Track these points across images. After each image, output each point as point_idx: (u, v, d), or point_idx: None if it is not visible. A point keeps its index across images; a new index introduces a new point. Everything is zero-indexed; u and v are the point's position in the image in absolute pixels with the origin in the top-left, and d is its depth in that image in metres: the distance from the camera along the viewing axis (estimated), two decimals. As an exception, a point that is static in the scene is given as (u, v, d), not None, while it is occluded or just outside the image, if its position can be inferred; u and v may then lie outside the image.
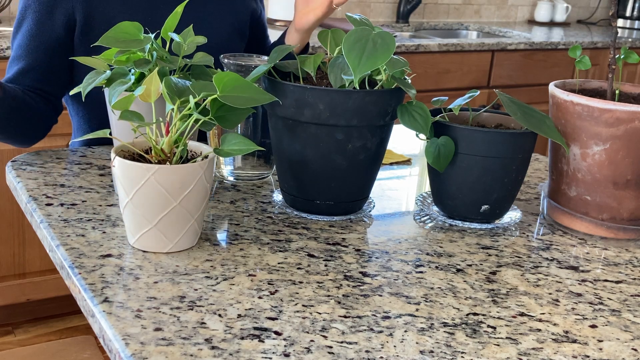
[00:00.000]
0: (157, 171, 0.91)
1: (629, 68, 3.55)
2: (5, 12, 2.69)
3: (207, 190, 0.97)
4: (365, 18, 1.13)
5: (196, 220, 0.97)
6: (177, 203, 0.93)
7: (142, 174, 0.92)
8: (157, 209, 0.94)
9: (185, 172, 0.92)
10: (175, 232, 0.96)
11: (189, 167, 0.93)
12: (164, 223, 0.95)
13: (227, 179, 1.27)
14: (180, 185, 0.92)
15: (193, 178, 0.93)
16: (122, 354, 0.74)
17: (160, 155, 0.95)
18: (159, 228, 0.95)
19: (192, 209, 0.96)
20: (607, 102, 1.07)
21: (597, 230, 1.13)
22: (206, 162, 0.94)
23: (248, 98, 0.96)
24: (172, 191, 0.92)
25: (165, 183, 0.92)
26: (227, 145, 0.96)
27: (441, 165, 1.09)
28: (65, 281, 0.93)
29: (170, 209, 0.93)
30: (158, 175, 0.91)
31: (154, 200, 0.93)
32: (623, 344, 0.84)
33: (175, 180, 0.92)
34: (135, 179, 0.92)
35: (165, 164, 0.94)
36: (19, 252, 2.35)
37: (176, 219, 0.95)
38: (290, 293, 0.89)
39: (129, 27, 1.07)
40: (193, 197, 0.95)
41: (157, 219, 0.94)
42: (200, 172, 0.94)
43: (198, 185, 0.94)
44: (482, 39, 3.30)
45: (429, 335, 0.82)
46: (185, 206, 0.94)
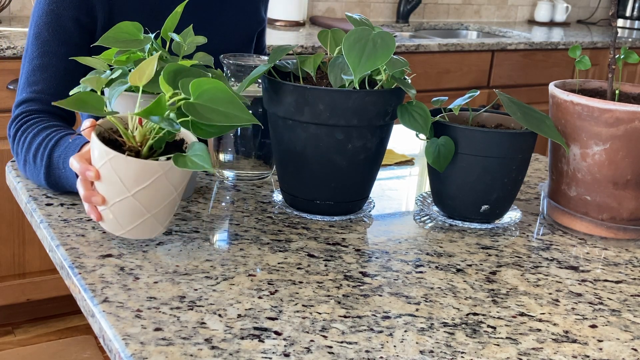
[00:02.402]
0: (114, 158, 0.89)
1: (629, 68, 3.55)
2: (5, 12, 2.69)
3: (172, 191, 0.93)
4: (365, 18, 1.13)
5: (154, 215, 0.94)
6: (131, 194, 0.91)
7: (101, 155, 0.90)
8: (112, 194, 0.92)
9: (140, 167, 0.89)
10: (128, 220, 0.94)
11: (144, 163, 0.89)
12: (118, 209, 0.93)
13: (227, 179, 1.27)
14: (134, 179, 0.89)
15: (150, 175, 0.89)
16: (122, 354, 0.75)
17: (132, 142, 0.91)
18: (112, 211, 0.93)
19: (148, 205, 0.92)
20: (607, 102, 1.07)
21: (597, 230, 1.13)
22: (169, 163, 0.89)
23: (222, 113, 0.87)
24: (126, 182, 0.90)
25: (120, 172, 0.89)
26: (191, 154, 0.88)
27: (441, 165, 1.09)
28: (65, 281, 0.93)
29: (122, 197, 0.91)
30: (114, 162, 0.89)
31: (109, 184, 0.91)
32: (623, 344, 0.84)
33: (130, 172, 0.89)
34: (98, 157, 0.91)
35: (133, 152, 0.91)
36: (19, 252, 2.35)
37: (130, 209, 0.92)
38: (290, 293, 0.89)
39: (129, 27, 1.07)
40: (150, 194, 0.91)
41: (111, 203, 0.92)
42: (160, 172, 0.89)
43: (157, 183, 0.90)
44: (482, 39, 3.30)
45: (429, 335, 0.82)
46: (139, 200, 0.91)
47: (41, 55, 1.27)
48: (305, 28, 3.13)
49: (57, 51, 1.27)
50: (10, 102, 2.14)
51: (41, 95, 1.26)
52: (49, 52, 1.27)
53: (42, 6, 1.28)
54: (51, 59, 1.27)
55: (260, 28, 1.57)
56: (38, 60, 1.27)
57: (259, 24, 1.55)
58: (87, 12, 1.29)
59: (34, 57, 1.28)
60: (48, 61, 1.27)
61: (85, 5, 1.28)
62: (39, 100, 1.26)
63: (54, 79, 1.27)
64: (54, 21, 1.27)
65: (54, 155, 1.13)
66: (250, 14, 1.52)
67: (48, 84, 1.27)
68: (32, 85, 1.27)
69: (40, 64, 1.27)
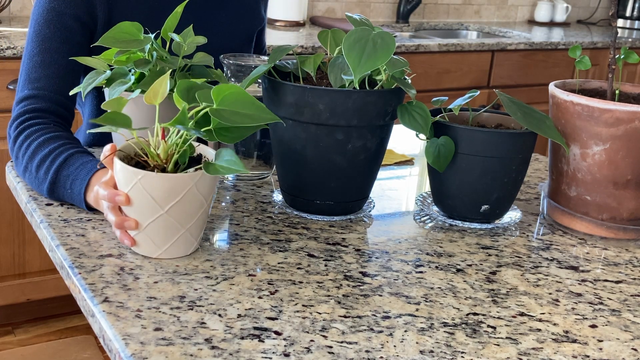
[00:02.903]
0: (144, 177, 0.89)
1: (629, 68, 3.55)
2: (5, 12, 2.69)
3: (202, 202, 0.93)
4: (365, 18, 1.13)
5: (189, 230, 0.94)
6: (164, 212, 0.91)
7: (130, 177, 0.90)
8: (145, 215, 0.92)
9: (173, 182, 0.89)
10: (163, 239, 0.94)
11: (177, 177, 0.89)
12: (152, 229, 0.93)
13: (227, 179, 1.27)
14: (167, 194, 0.90)
15: (182, 188, 0.90)
16: (122, 354, 0.74)
17: (156, 160, 0.92)
18: (147, 233, 0.93)
19: (183, 220, 0.93)
20: (607, 102, 1.07)
21: (597, 230, 1.13)
22: (198, 173, 0.90)
23: (246, 115, 0.90)
24: (159, 199, 0.90)
25: (152, 190, 0.89)
26: (219, 162, 0.91)
27: (441, 165, 1.09)
28: (65, 281, 0.93)
29: (157, 216, 0.91)
30: (144, 182, 0.89)
31: (141, 205, 0.91)
32: (623, 344, 0.84)
33: (162, 189, 0.89)
34: (125, 181, 0.91)
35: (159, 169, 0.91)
36: (19, 252, 2.35)
37: (164, 227, 0.92)
38: (290, 293, 0.89)
39: (129, 27, 1.07)
40: (183, 208, 0.91)
41: (145, 224, 0.92)
42: (191, 184, 0.90)
43: (189, 196, 0.91)
44: (482, 39, 3.30)
45: (429, 335, 0.82)
46: (174, 216, 0.92)
47: (42, 52, 1.26)
48: (305, 28, 3.13)
49: (58, 48, 1.27)
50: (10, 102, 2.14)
51: (43, 92, 1.25)
52: (50, 49, 1.26)
53: (43, 4, 1.28)
54: (52, 56, 1.26)
55: (260, 27, 1.57)
56: (39, 57, 1.26)
57: (259, 23, 1.55)
58: (87, 10, 1.29)
59: (34, 54, 1.27)
60: (49, 58, 1.26)
61: (85, 3, 1.28)
62: (41, 97, 1.25)
63: (56, 76, 1.26)
64: (55, 19, 1.27)
65: (61, 173, 1.12)
66: (249, 13, 1.52)
67: (50, 80, 1.26)
68: (33, 82, 1.26)
69: (41, 60, 1.26)
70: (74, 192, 1.10)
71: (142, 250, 0.96)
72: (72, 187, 1.10)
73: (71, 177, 1.11)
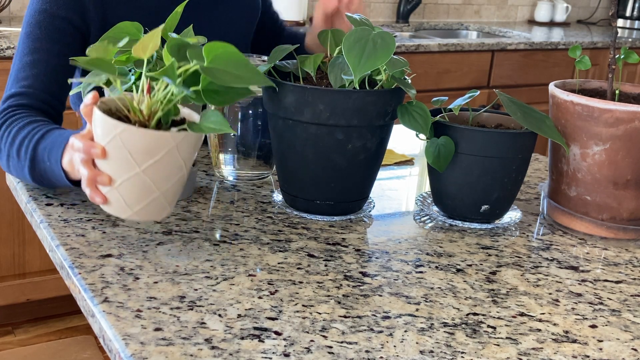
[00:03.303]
0: (123, 131, 0.85)
1: (629, 68, 3.55)
2: (5, 12, 2.69)
3: (182, 166, 0.89)
4: (365, 18, 1.13)
5: (163, 194, 0.90)
6: (140, 170, 0.87)
7: (109, 129, 0.86)
8: (119, 171, 0.87)
9: (153, 139, 0.85)
10: (136, 200, 0.89)
11: (157, 134, 0.85)
12: (126, 188, 0.88)
13: (227, 179, 1.27)
14: (146, 152, 0.85)
15: (162, 147, 0.86)
16: (122, 354, 0.75)
17: (138, 115, 0.88)
18: (120, 191, 0.89)
19: (158, 181, 0.88)
20: (607, 102, 1.07)
21: (597, 230, 1.13)
22: (181, 134, 0.86)
23: (237, 76, 0.86)
24: (137, 156, 0.86)
25: (130, 145, 0.85)
26: (203, 121, 0.87)
27: (441, 165, 1.09)
28: (65, 281, 0.93)
29: (132, 174, 0.87)
30: (124, 135, 0.85)
31: (117, 161, 0.87)
32: (623, 344, 0.84)
33: (141, 145, 0.85)
34: (104, 134, 0.87)
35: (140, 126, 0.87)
36: (19, 252, 2.35)
37: (139, 187, 0.88)
38: (290, 293, 0.89)
39: (129, 27, 1.07)
40: (161, 168, 0.87)
41: (119, 182, 0.88)
42: (172, 143, 0.86)
43: (168, 157, 0.87)
44: (482, 39, 3.30)
45: (429, 335, 0.82)
46: (150, 176, 0.87)
47: (31, 52, 1.27)
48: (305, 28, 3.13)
49: (47, 48, 1.27)
50: (10, 102, 2.14)
51: (29, 90, 1.25)
52: (40, 49, 1.27)
53: (35, 6, 1.28)
54: (41, 56, 1.26)
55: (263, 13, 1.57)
56: (28, 57, 1.27)
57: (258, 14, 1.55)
58: (80, 14, 1.29)
59: (24, 54, 1.27)
60: (38, 57, 1.26)
61: (79, 7, 1.28)
62: (27, 94, 1.24)
63: (44, 75, 1.26)
64: (46, 20, 1.27)
65: (38, 148, 1.10)
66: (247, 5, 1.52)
67: (37, 79, 1.26)
68: (20, 80, 1.26)
69: (30, 60, 1.26)
70: (51, 163, 1.07)
71: (112, 210, 0.92)
72: (50, 158, 1.07)
73: (48, 147, 1.08)
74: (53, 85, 1.27)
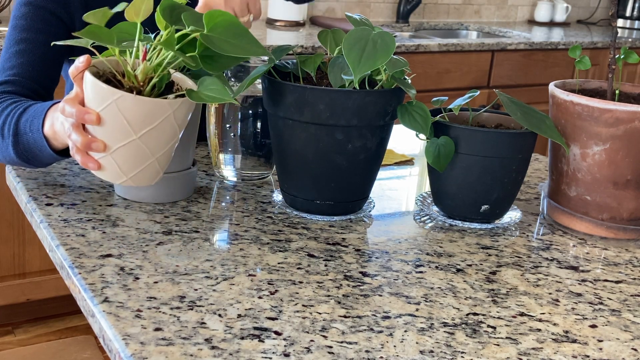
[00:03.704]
0: (120, 98, 0.84)
1: (629, 68, 3.55)
2: (5, 12, 2.69)
3: (176, 131, 0.89)
4: (365, 18, 1.13)
5: (157, 159, 0.90)
6: (137, 137, 0.86)
7: (105, 96, 0.85)
8: (115, 138, 0.86)
9: (151, 106, 0.84)
10: (131, 166, 0.89)
11: (156, 101, 0.84)
12: (121, 154, 0.88)
13: (227, 179, 1.27)
14: (143, 119, 0.85)
15: (159, 115, 0.85)
16: (122, 354, 0.75)
17: (132, 81, 0.87)
18: (114, 158, 0.88)
19: (154, 148, 0.88)
20: (607, 102, 1.07)
21: (597, 230, 1.13)
22: (178, 101, 0.86)
23: (236, 45, 0.86)
24: (134, 123, 0.85)
25: (127, 113, 0.84)
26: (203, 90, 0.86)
27: (441, 165, 1.09)
28: (65, 281, 0.93)
29: (128, 141, 0.86)
30: (120, 103, 0.84)
31: (113, 127, 0.86)
32: (623, 344, 0.84)
33: (139, 113, 0.84)
34: (98, 100, 0.85)
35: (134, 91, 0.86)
36: (19, 252, 2.35)
37: (134, 153, 0.87)
38: (290, 293, 0.89)
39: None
40: (157, 135, 0.87)
41: (114, 148, 0.87)
42: (169, 111, 0.85)
43: (164, 124, 0.86)
44: (482, 39, 3.30)
45: (429, 335, 0.82)
46: (146, 142, 0.87)
47: (17, 42, 1.29)
48: (305, 28, 3.13)
49: (34, 39, 1.29)
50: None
51: (16, 78, 1.26)
52: (26, 39, 1.29)
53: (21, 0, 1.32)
54: (27, 45, 1.28)
55: None
56: (15, 48, 1.29)
57: None
58: (63, 6, 1.32)
59: (10, 45, 1.29)
60: (24, 47, 1.28)
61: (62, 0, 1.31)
62: (14, 82, 1.25)
63: (30, 64, 1.27)
64: (32, 11, 1.30)
65: (20, 121, 1.09)
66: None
67: (24, 68, 1.27)
68: (7, 70, 1.27)
69: (16, 50, 1.28)
70: (33, 133, 1.05)
71: (105, 176, 0.91)
72: (32, 128, 1.05)
73: (30, 120, 1.07)
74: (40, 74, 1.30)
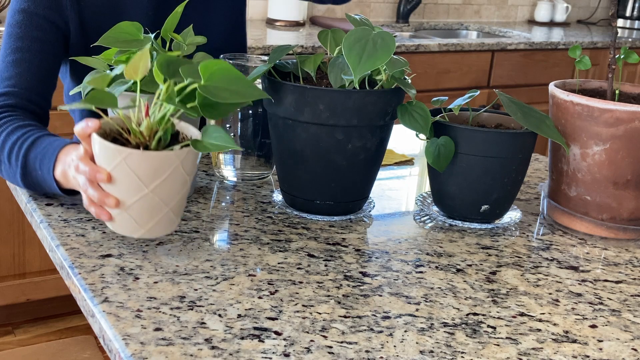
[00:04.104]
0: (128, 156, 0.86)
1: (629, 68, 3.55)
2: (5, 12, 2.69)
3: (186, 180, 0.91)
4: (365, 18, 1.13)
5: (172, 209, 0.92)
6: (149, 190, 0.88)
7: (113, 155, 0.87)
8: (128, 194, 0.89)
9: (159, 160, 0.87)
10: (147, 218, 0.91)
11: (163, 154, 0.87)
12: (136, 208, 0.90)
13: (227, 179, 1.27)
14: (153, 173, 0.87)
15: (168, 167, 0.88)
16: (122, 354, 0.75)
17: (139, 137, 0.89)
18: (130, 213, 0.91)
19: (167, 198, 0.90)
20: (607, 102, 1.07)
21: (597, 230, 1.13)
22: (184, 151, 0.88)
23: (234, 91, 0.89)
24: (144, 178, 0.87)
25: (137, 168, 0.87)
26: (207, 139, 0.89)
27: (441, 165, 1.09)
28: (65, 281, 0.93)
29: (141, 195, 0.89)
30: (130, 160, 0.87)
31: (125, 184, 0.88)
32: (623, 344, 0.84)
33: (148, 167, 0.87)
34: (108, 159, 0.88)
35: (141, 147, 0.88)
36: (19, 252, 2.35)
37: (149, 206, 0.90)
38: (290, 293, 0.89)
39: (129, 27, 1.07)
40: (168, 186, 0.89)
41: (129, 204, 0.90)
42: (177, 162, 0.88)
43: (174, 174, 0.88)
44: (482, 39, 3.30)
45: (429, 335, 0.82)
46: (158, 194, 0.89)
47: (14, 51, 1.28)
48: (305, 28, 3.13)
49: (29, 47, 1.28)
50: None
51: (14, 89, 1.26)
52: (22, 48, 1.27)
53: (15, 5, 1.30)
54: (24, 54, 1.27)
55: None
56: (11, 57, 1.28)
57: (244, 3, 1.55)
58: (58, 12, 1.30)
59: (7, 54, 1.28)
60: (21, 56, 1.27)
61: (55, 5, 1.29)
62: (12, 94, 1.25)
63: (27, 73, 1.27)
64: (27, 19, 1.28)
65: (29, 156, 1.11)
66: None
67: (21, 78, 1.27)
68: (5, 80, 1.27)
69: (13, 60, 1.27)
70: (43, 172, 1.08)
71: (123, 230, 0.93)
72: (42, 167, 1.08)
73: (39, 156, 1.09)
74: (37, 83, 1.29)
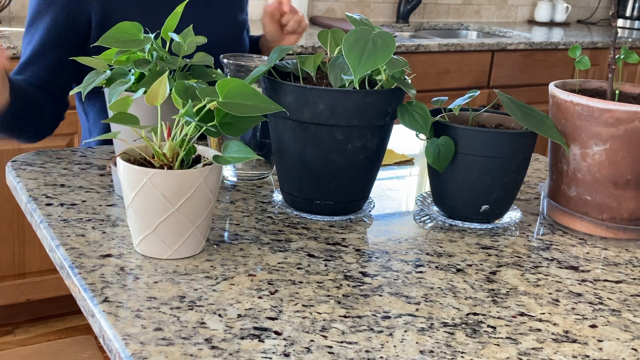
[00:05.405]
0: (154, 175, 0.90)
1: (629, 68, 3.55)
2: (5, 12, 2.69)
3: (210, 198, 0.94)
4: (365, 18, 1.13)
5: (198, 228, 0.95)
6: (175, 209, 0.91)
7: (139, 177, 0.90)
8: (155, 214, 0.92)
9: (183, 178, 0.90)
10: (174, 238, 0.94)
11: (186, 173, 0.91)
12: (163, 229, 0.93)
13: (227, 179, 1.27)
14: (177, 191, 0.90)
15: (192, 184, 0.91)
16: (122, 354, 0.75)
17: (162, 159, 0.93)
18: (157, 233, 0.93)
19: (193, 217, 0.93)
20: (607, 102, 1.07)
21: (597, 230, 1.13)
22: (207, 169, 0.92)
23: (251, 106, 0.93)
24: (170, 197, 0.91)
25: (163, 188, 0.90)
26: (228, 153, 0.93)
27: (441, 165, 1.09)
28: (65, 281, 0.93)
29: (168, 214, 0.92)
30: (155, 180, 0.90)
31: (151, 205, 0.91)
32: (623, 344, 0.84)
33: (173, 186, 0.90)
34: (133, 182, 0.91)
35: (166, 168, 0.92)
36: (19, 252, 2.35)
37: (175, 225, 0.93)
38: (290, 293, 0.89)
39: (129, 27, 1.07)
40: (193, 204, 0.92)
41: (155, 224, 0.93)
42: (200, 179, 0.91)
43: (198, 192, 0.92)
44: (482, 39, 3.30)
45: (429, 335, 0.82)
46: (184, 213, 0.92)
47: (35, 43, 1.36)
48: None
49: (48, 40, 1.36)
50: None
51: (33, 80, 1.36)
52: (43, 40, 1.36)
53: None
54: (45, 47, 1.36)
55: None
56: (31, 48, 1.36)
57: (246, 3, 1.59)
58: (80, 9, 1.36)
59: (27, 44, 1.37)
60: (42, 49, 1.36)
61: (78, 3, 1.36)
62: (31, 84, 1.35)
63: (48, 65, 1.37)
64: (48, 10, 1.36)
65: None
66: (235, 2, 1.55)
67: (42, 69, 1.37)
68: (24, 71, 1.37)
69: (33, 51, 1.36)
70: None
71: (151, 252, 0.95)
72: None
73: None
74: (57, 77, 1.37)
